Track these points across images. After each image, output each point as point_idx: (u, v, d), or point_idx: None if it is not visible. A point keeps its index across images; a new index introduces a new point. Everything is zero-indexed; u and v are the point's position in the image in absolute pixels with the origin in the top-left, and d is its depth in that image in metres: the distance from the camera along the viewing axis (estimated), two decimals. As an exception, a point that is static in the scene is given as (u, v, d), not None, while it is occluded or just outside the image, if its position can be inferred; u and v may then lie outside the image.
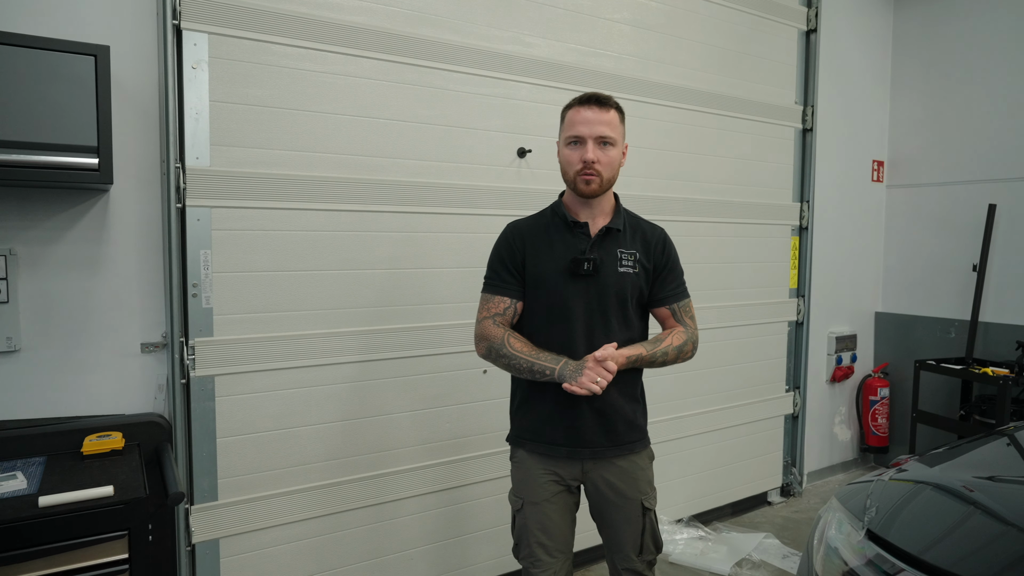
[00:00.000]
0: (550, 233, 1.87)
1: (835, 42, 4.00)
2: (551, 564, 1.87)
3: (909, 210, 4.34)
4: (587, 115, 1.79)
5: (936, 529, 1.43)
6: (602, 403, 1.81)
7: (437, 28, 2.55)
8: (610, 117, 1.80)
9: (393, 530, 2.57)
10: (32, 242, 2.00)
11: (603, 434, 1.84)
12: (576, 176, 1.80)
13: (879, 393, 4.28)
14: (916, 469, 1.75)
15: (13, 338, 1.98)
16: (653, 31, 3.16)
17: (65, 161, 1.81)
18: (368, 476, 2.49)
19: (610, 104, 1.82)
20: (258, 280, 2.27)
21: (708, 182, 3.38)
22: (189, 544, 2.19)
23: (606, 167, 1.80)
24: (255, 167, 2.24)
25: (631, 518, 1.87)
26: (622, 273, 1.84)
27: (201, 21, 2.12)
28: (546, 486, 1.87)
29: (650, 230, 1.94)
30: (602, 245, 1.84)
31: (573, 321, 1.81)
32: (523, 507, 1.89)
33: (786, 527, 3.56)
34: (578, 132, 1.79)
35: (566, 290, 1.81)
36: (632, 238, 1.89)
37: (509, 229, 1.94)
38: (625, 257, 1.85)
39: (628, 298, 1.85)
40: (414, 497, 2.60)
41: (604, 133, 1.78)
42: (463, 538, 2.74)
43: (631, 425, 1.89)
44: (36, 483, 1.71)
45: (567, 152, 1.82)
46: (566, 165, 1.83)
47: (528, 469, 1.89)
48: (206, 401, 2.20)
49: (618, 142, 1.83)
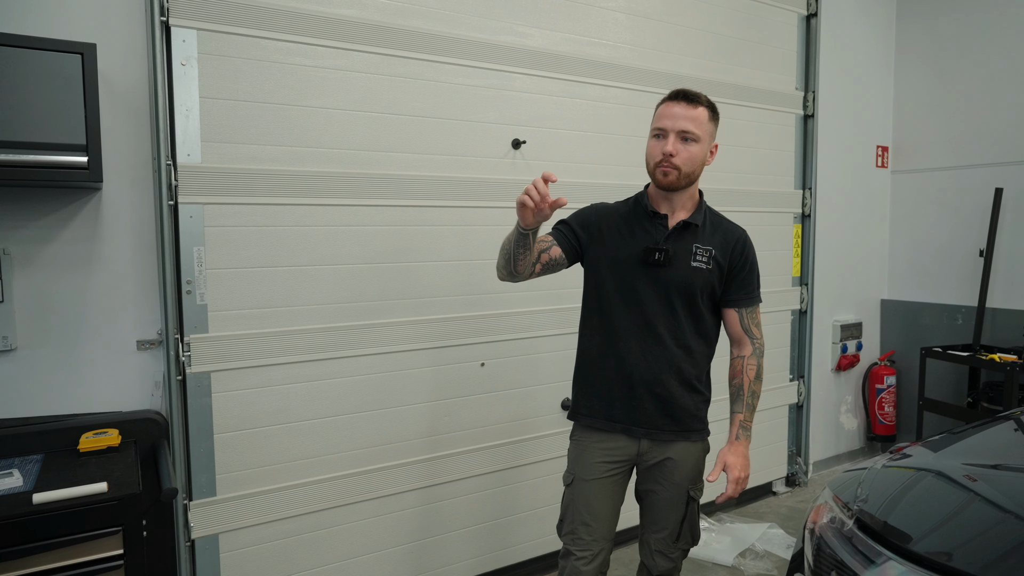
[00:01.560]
0: (631, 220, 1.92)
1: (837, 26, 3.94)
2: (591, 546, 1.89)
3: (914, 195, 4.29)
4: (674, 110, 1.82)
5: (926, 517, 1.41)
6: (663, 390, 1.87)
7: (428, 20, 2.53)
8: (697, 114, 1.82)
9: (392, 523, 2.57)
10: (26, 241, 2.01)
11: (660, 415, 1.88)
12: (655, 167, 1.84)
13: (885, 381, 4.24)
14: (913, 456, 1.73)
15: (9, 337, 1.99)
16: (649, 19, 3.13)
17: (54, 160, 1.81)
18: (367, 470, 2.50)
19: (700, 101, 1.84)
20: (252, 276, 2.27)
21: (707, 170, 3.33)
22: (189, 539, 2.20)
23: (685, 162, 1.81)
24: (247, 163, 2.24)
25: (675, 504, 1.92)
26: (695, 268, 1.86)
27: (190, 17, 2.12)
28: (598, 466, 1.91)
29: (731, 229, 1.97)
30: (678, 238, 1.88)
31: (640, 307, 1.86)
32: (574, 482, 1.94)
33: (791, 517, 3.54)
34: (662, 125, 1.82)
35: (637, 277, 1.86)
36: (711, 235, 1.91)
37: (593, 206, 2.00)
38: (700, 252, 1.87)
39: (697, 293, 1.87)
40: (416, 490, 2.60)
41: (687, 128, 1.80)
42: (460, 532, 2.74)
43: (691, 415, 1.92)
44: (32, 480, 1.72)
45: (651, 143, 1.86)
46: (648, 156, 1.87)
47: (585, 448, 1.94)
48: (202, 397, 2.21)
49: (702, 139, 1.83)
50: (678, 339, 1.87)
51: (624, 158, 3.04)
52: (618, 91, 3.02)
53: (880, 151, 4.32)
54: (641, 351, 1.86)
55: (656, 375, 1.85)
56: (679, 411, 1.89)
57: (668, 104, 1.85)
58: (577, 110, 2.89)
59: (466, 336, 2.67)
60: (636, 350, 1.86)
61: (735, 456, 1.84)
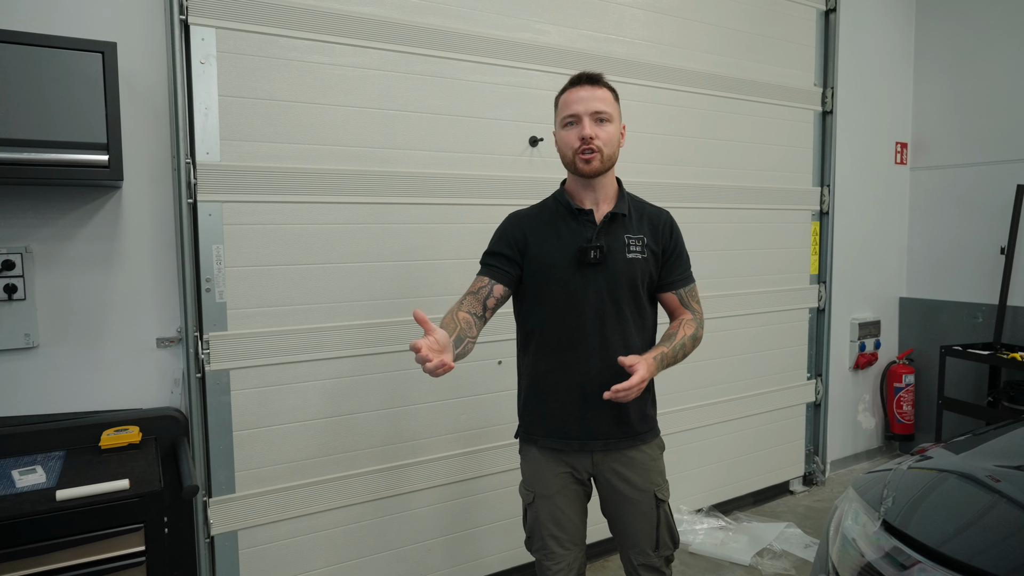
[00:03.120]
0: (555, 222, 1.82)
1: (855, 21, 3.90)
2: (564, 556, 1.85)
3: (934, 192, 4.23)
4: (580, 94, 1.75)
5: (955, 520, 1.39)
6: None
7: (446, 17, 2.52)
8: (603, 94, 1.76)
9: (410, 521, 2.58)
10: (47, 240, 2.03)
11: (615, 425, 1.81)
12: (575, 156, 1.75)
13: (904, 380, 4.20)
14: (938, 457, 1.70)
15: (31, 335, 2.00)
16: (666, 15, 3.10)
17: (75, 159, 1.82)
18: (384, 468, 2.50)
19: (602, 82, 1.78)
20: (270, 274, 2.28)
21: (725, 168, 3.33)
22: (208, 536, 2.22)
23: (605, 143, 1.74)
24: (265, 161, 2.24)
25: (645, 511, 1.84)
26: (631, 259, 1.79)
27: (209, 16, 2.13)
28: (557, 478, 1.84)
29: (656, 213, 1.89)
30: (608, 231, 1.79)
31: (584, 311, 1.77)
32: (535, 500, 1.86)
33: (808, 516, 3.51)
34: (573, 111, 1.74)
35: (575, 280, 1.77)
36: (639, 223, 1.84)
37: (510, 219, 1.89)
38: (633, 243, 1.80)
39: (639, 284, 1.80)
40: (431, 488, 2.60)
41: (599, 108, 1.73)
42: (478, 529, 2.74)
43: (643, 415, 1.86)
44: (55, 477, 1.74)
45: (564, 134, 1.78)
46: (564, 147, 1.78)
47: (539, 462, 1.86)
48: (222, 395, 2.22)
49: (615, 119, 1.78)
50: (625, 339, 1.78)
51: (641, 155, 3.02)
52: (635, 88, 3.00)
53: (899, 147, 4.27)
54: (589, 358, 1.77)
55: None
56: (632, 414, 1.81)
57: (572, 90, 1.77)
58: (594, 107, 2.87)
59: (483, 334, 2.66)
60: (583, 358, 1.77)
61: (642, 363, 1.64)
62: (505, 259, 1.81)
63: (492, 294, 1.79)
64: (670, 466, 1.95)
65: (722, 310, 3.36)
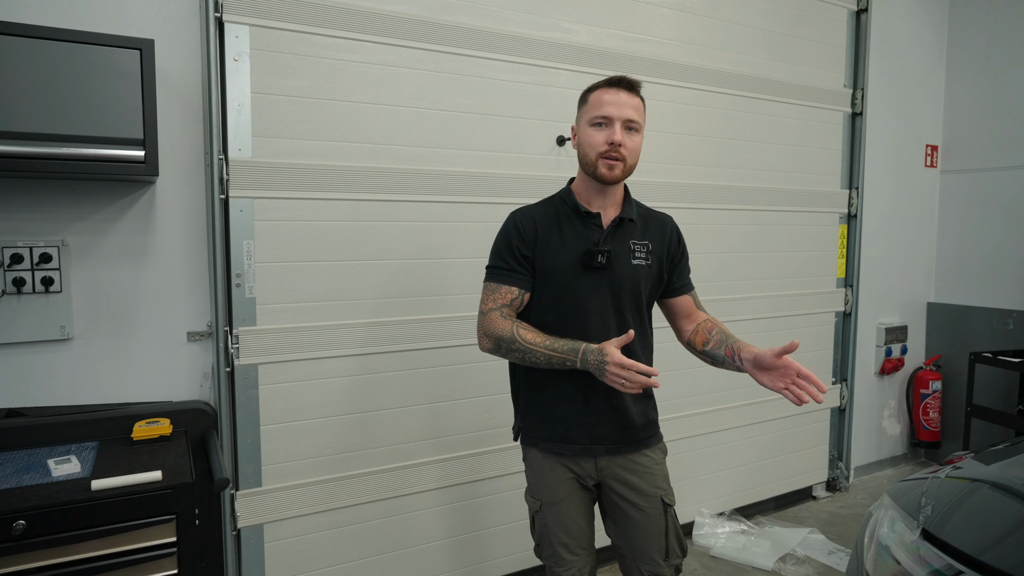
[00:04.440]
0: (561, 223, 1.77)
1: (887, 21, 3.84)
2: (574, 562, 1.82)
3: (964, 196, 4.16)
4: (617, 97, 1.69)
5: (996, 530, 1.36)
6: (618, 399, 1.76)
7: (475, 16, 2.52)
8: (638, 103, 1.72)
9: (432, 519, 2.58)
10: (83, 233, 2.06)
11: (619, 430, 1.79)
12: (598, 159, 1.69)
13: (931, 386, 4.13)
14: (973, 467, 1.67)
15: (66, 326, 2.04)
16: (695, 14, 3.08)
17: (112, 154, 1.85)
18: (408, 465, 2.51)
19: (638, 90, 1.74)
20: (299, 270, 2.29)
21: (752, 169, 3.30)
22: (235, 528, 2.24)
23: (631, 153, 1.71)
24: (295, 158, 2.26)
25: (653, 517, 1.80)
26: (636, 265, 1.76)
27: (242, 13, 2.14)
28: (563, 484, 1.81)
29: (662, 219, 1.87)
30: (615, 236, 1.76)
31: (586, 315, 1.73)
32: (541, 508, 1.83)
33: (832, 522, 3.47)
34: (606, 112, 1.68)
35: (579, 283, 1.73)
36: (644, 229, 1.82)
37: (518, 214, 1.82)
38: (638, 249, 1.77)
39: (642, 291, 1.79)
40: (461, 485, 2.61)
41: (632, 117, 1.69)
42: (494, 530, 2.74)
43: (646, 420, 1.84)
44: (89, 467, 1.76)
45: (591, 132, 1.71)
46: (588, 147, 1.72)
47: (543, 469, 1.82)
48: (250, 389, 2.24)
49: (642, 130, 1.75)
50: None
51: (668, 155, 3.00)
52: (663, 88, 2.98)
53: (929, 150, 4.20)
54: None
55: (609, 386, 1.64)
56: (637, 419, 1.79)
57: (608, 90, 1.70)
58: (621, 107, 2.86)
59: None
60: None
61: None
62: (519, 264, 1.77)
63: (522, 300, 1.78)
64: (692, 469, 1.94)
65: (746, 312, 3.33)
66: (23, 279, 1.96)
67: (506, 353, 1.72)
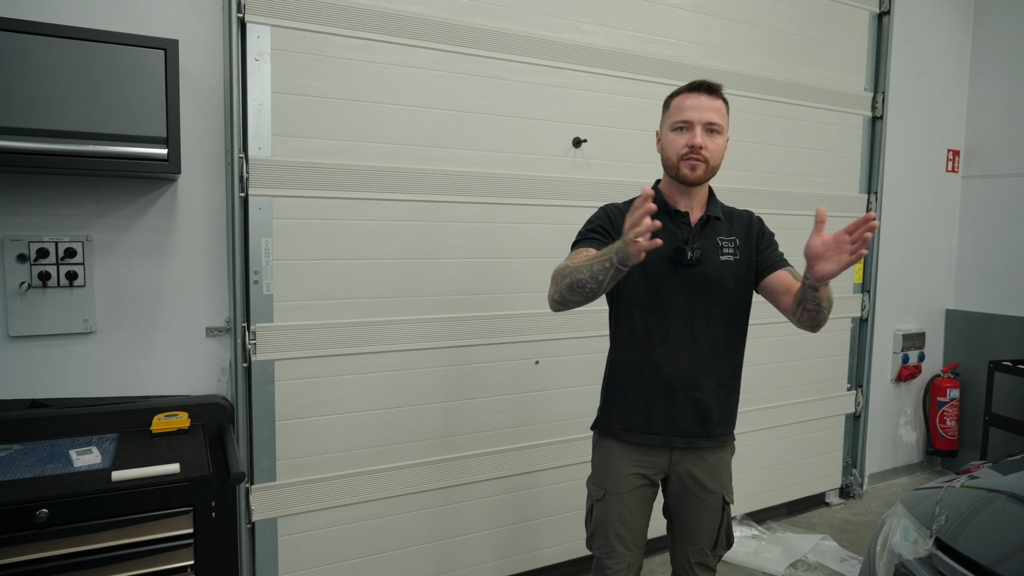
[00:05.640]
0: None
1: (909, 24, 3.80)
2: (626, 557, 1.86)
3: (986, 202, 4.10)
4: (696, 101, 1.74)
5: (1012, 541, 1.35)
6: (702, 393, 1.80)
7: (493, 17, 2.54)
8: (719, 105, 1.76)
9: (444, 516, 2.60)
10: (106, 229, 2.09)
11: (699, 423, 1.82)
12: (680, 161, 1.75)
13: (948, 394, 4.08)
14: (990, 476, 1.66)
15: (89, 320, 2.08)
16: (715, 16, 3.07)
17: (136, 152, 1.88)
18: (419, 463, 2.53)
19: (720, 93, 1.78)
20: (316, 268, 2.32)
21: (770, 172, 3.28)
22: (249, 522, 2.27)
23: (713, 154, 1.75)
24: (314, 157, 2.28)
25: (712, 512, 1.86)
26: (724, 262, 1.80)
27: (264, 14, 2.17)
28: (630, 478, 1.85)
29: (743, 215, 1.91)
30: (703, 234, 1.81)
31: (675, 310, 1.78)
32: (604, 496, 1.87)
33: (844, 529, 3.45)
34: (687, 117, 1.74)
35: (669, 279, 1.78)
36: (730, 226, 1.86)
37: (607, 207, 1.87)
38: (726, 245, 1.81)
39: (731, 287, 1.81)
40: (475, 483, 2.63)
41: (713, 120, 1.74)
42: (530, 523, 2.75)
43: (727, 416, 1.87)
44: (109, 458, 1.80)
45: (672, 137, 1.77)
46: (669, 150, 1.78)
47: (614, 459, 1.87)
48: (266, 385, 2.27)
49: (724, 131, 1.79)
50: (715, 339, 1.80)
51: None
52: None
53: (951, 155, 4.15)
54: (678, 355, 1.78)
55: (695, 379, 1.78)
56: (716, 415, 1.83)
57: (689, 95, 1.76)
58: (639, 109, 2.86)
59: (520, 333, 2.68)
60: (672, 355, 1.78)
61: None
62: (605, 235, 1.78)
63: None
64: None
65: (761, 316, 3.29)
66: (48, 273, 2.00)
67: (565, 290, 1.65)
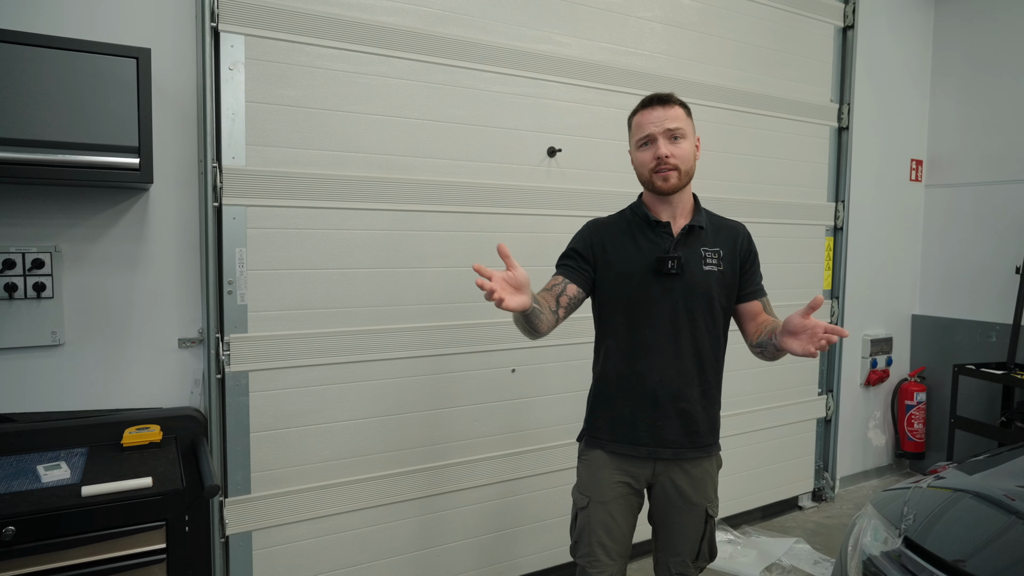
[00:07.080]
0: (632, 232, 1.85)
1: (873, 38, 3.92)
2: (609, 566, 1.85)
3: (949, 210, 4.23)
4: (652, 115, 1.79)
5: (977, 538, 1.39)
6: (687, 403, 1.81)
7: (468, 28, 2.56)
8: (676, 112, 1.79)
9: (420, 526, 2.59)
10: (75, 239, 2.06)
11: (685, 435, 1.82)
12: (652, 175, 1.79)
13: (915, 398, 4.19)
14: (956, 476, 1.71)
15: (57, 332, 2.04)
16: (685, 29, 3.13)
17: (107, 161, 1.86)
18: (397, 473, 2.52)
19: (673, 101, 1.81)
20: (291, 278, 2.31)
21: (740, 182, 3.34)
22: (223, 536, 2.24)
23: (682, 160, 1.78)
24: (289, 167, 2.27)
25: (694, 523, 1.86)
26: (707, 272, 1.82)
27: (238, 23, 2.16)
28: (615, 486, 1.85)
29: (733, 227, 1.93)
30: (685, 243, 1.83)
31: (659, 320, 1.80)
32: (589, 505, 1.87)
33: (817, 532, 3.50)
34: (647, 132, 1.79)
35: (651, 290, 1.80)
36: (715, 236, 1.87)
37: (589, 225, 1.93)
38: (709, 255, 1.83)
39: (714, 297, 1.83)
40: (455, 492, 2.62)
41: (671, 126, 1.77)
42: (515, 530, 2.75)
43: (712, 427, 1.88)
44: (79, 473, 1.76)
45: (640, 155, 1.82)
46: (640, 167, 1.83)
47: (599, 468, 1.87)
48: (240, 396, 2.25)
49: (689, 135, 1.81)
50: (698, 349, 1.82)
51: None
52: (653, 101, 3.02)
53: (914, 164, 4.28)
54: (663, 366, 1.80)
55: (680, 389, 1.79)
56: (702, 425, 1.84)
57: (644, 112, 1.81)
58: (613, 119, 2.90)
59: (497, 342, 2.69)
60: (658, 366, 1.80)
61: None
62: (581, 260, 1.85)
63: (565, 292, 1.81)
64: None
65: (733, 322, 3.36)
66: (15, 284, 1.96)
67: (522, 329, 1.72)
